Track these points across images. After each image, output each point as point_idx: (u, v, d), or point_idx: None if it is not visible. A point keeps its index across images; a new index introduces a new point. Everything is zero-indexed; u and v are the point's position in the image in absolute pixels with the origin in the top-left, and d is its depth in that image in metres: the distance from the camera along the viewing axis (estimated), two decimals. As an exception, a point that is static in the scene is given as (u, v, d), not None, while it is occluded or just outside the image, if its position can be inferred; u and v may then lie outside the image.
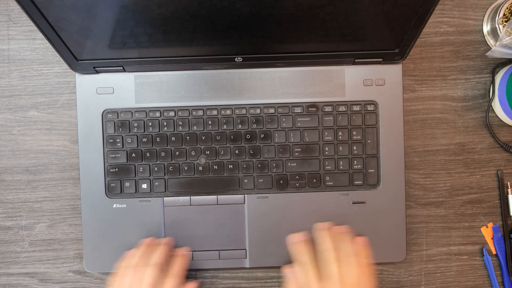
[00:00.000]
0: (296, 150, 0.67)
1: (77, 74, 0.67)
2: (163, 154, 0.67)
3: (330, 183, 0.67)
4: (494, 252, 0.71)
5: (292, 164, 0.67)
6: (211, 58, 0.63)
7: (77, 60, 0.63)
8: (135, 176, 0.67)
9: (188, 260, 0.67)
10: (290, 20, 0.56)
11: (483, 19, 0.72)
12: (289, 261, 0.67)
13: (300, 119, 0.67)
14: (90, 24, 0.56)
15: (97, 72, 0.66)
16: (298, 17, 0.56)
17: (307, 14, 0.55)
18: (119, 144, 0.67)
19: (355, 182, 0.67)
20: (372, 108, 0.67)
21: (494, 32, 0.70)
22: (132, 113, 0.67)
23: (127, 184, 0.67)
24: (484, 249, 0.71)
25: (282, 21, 0.57)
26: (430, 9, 0.55)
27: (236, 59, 0.63)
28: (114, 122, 0.67)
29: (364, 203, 0.67)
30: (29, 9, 0.53)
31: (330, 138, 0.67)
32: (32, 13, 0.54)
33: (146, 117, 0.67)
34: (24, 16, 0.72)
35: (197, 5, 0.53)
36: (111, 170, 0.67)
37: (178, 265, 0.63)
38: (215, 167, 0.67)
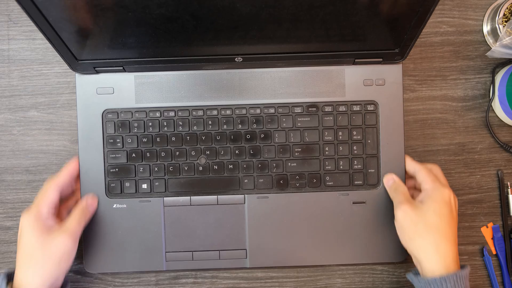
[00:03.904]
0: (296, 150, 0.67)
1: (77, 74, 0.67)
2: (163, 154, 0.67)
3: (330, 183, 0.67)
4: (494, 252, 0.71)
5: (292, 164, 0.67)
6: (211, 58, 0.63)
7: (77, 60, 0.63)
8: (135, 176, 0.67)
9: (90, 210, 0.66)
10: (290, 20, 0.56)
11: (483, 19, 0.72)
12: (287, 261, 0.67)
13: (300, 119, 0.67)
14: (90, 24, 0.56)
15: (97, 72, 0.66)
16: (298, 17, 0.56)
17: (307, 14, 0.55)
18: (119, 144, 0.67)
19: (355, 182, 0.67)
20: (372, 108, 0.67)
21: (494, 32, 0.70)
22: (132, 113, 0.67)
23: (127, 184, 0.67)
24: (484, 249, 0.71)
25: (282, 21, 0.57)
26: (430, 9, 0.55)
27: (236, 59, 0.63)
28: (114, 122, 0.67)
29: (364, 203, 0.67)
30: (29, 9, 0.53)
31: (330, 138, 0.67)
32: (32, 13, 0.54)
33: (146, 117, 0.67)
34: (24, 16, 0.72)
35: (197, 5, 0.53)
36: (111, 170, 0.67)
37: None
38: (215, 167, 0.67)
